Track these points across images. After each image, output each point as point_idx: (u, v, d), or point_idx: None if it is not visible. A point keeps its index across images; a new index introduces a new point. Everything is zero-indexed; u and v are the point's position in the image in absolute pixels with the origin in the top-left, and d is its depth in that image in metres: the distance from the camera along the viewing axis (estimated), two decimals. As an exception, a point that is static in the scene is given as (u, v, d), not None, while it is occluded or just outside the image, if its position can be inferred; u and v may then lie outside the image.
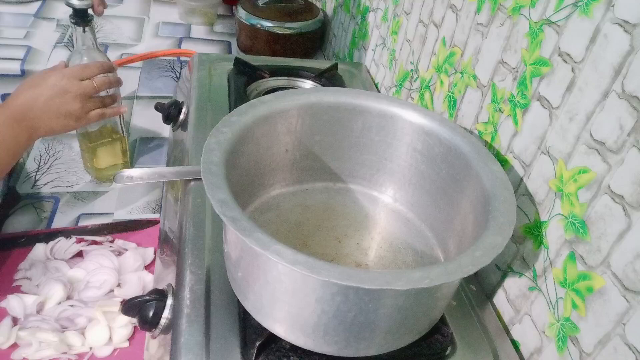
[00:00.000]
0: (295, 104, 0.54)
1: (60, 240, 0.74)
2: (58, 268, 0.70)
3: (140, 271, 0.72)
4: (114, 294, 0.69)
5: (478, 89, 0.60)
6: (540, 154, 0.49)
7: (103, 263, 0.71)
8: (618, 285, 0.39)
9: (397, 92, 0.84)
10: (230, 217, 0.37)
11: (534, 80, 0.50)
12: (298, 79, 0.88)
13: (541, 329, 0.48)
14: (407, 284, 0.35)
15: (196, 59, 0.89)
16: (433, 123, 0.53)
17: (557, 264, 0.46)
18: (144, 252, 0.75)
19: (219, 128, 0.47)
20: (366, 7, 1.00)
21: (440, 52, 0.70)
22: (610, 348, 0.40)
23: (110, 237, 0.77)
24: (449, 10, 0.68)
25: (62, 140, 0.93)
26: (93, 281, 0.69)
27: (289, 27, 1.19)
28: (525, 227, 0.51)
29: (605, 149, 0.41)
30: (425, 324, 0.45)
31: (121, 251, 0.75)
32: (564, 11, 0.46)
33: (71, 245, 0.74)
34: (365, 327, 0.40)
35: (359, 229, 0.56)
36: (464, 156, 0.50)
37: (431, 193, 0.55)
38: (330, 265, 0.35)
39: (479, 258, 0.38)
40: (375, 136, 0.57)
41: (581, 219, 0.43)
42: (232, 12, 1.50)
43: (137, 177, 0.61)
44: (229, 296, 0.48)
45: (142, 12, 1.43)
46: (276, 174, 0.57)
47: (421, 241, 0.56)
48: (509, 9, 0.55)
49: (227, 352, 0.44)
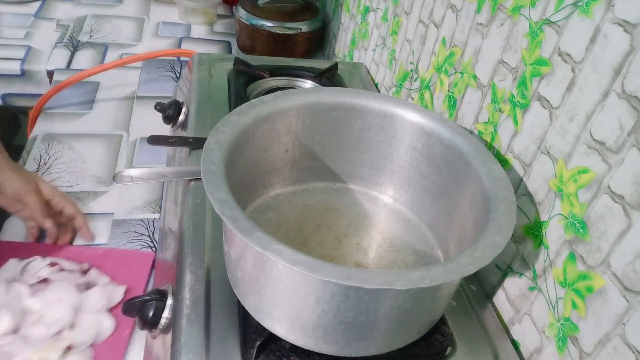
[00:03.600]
0: (295, 104, 0.54)
1: (35, 260, 0.68)
2: (19, 293, 0.63)
3: (100, 314, 0.64)
4: (63, 336, 0.60)
5: (478, 89, 0.60)
6: (540, 154, 0.49)
7: (63, 297, 0.63)
8: (618, 285, 0.39)
9: (397, 92, 0.84)
10: (230, 217, 0.37)
11: (534, 80, 0.50)
12: (298, 79, 0.88)
13: (541, 329, 0.48)
14: (407, 283, 0.35)
15: (196, 59, 0.89)
16: (433, 123, 0.53)
17: (557, 264, 0.46)
18: (113, 291, 0.67)
19: (219, 128, 0.47)
20: (366, 7, 1.00)
21: (440, 52, 0.70)
22: (610, 348, 0.40)
23: (87, 265, 0.70)
24: (449, 10, 0.68)
25: (62, 140, 0.93)
26: (45, 317, 0.61)
27: (289, 27, 1.19)
28: (525, 227, 0.51)
29: (605, 149, 0.41)
30: (425, 324, 0.45)
31: (90, 284, 0.67)
32: (564, 11, 0.47)
33: (42, 268, 0.67)
34: (365, 327, 0.40)
35: (359, 229, 0.56)
36: (464, 156, 0.50)
37: (431, 193, 0.55)
38: (330, 265, 0.35)
39: (479, 258, 0.38)
40: (375, 136, 0.57)
41: (581, 219, 0.43)
42: (232, 12, 1.50)
43: (137, 177, 0.61)
44: (229, 296, 0.48)
45: (142, 12, 1.43)
46: (276, 174, 0.57)
47: (421, 241, 0.56)
48: (509, 9, 0.55)
49: (227, 352, 0.44)
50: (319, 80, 0.87)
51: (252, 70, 0.85)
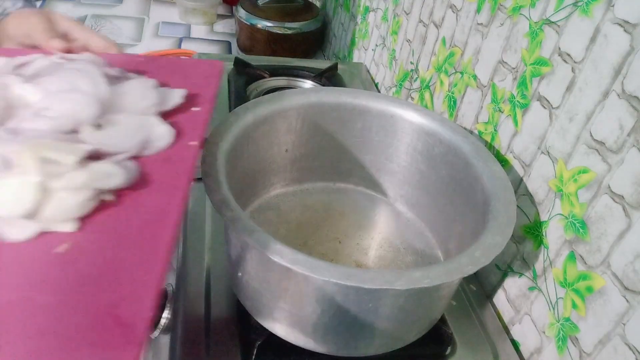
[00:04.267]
0: (295, 104, 0.54)
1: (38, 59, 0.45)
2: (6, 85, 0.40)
3: (147, 115, 0.40)
4: (78, 138, 0.36)
5: (478, 89, 0.60)
6: (540, 154, 0.49)
7: (80, 85, 0.40)
8: (618, 285, 0.39)
9: (397, 92, 0.84)
10: (230, 217, 0.37)
11: (534, 80, 0.50)
12: (298, 79, 0.88)
13: (541, 329, 0.48)
14: (407, 283, 0.35)
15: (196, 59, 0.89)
16: (433, 123, 0.53)
17: (557, 264, 0.46)
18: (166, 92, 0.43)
19: (219, 128, 0.47)
20: (366, 7, 1.00)
21: (440, 52, 0.70)
22: (610, 348, 0.40)
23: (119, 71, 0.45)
24: (449, 10, 0.68)
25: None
26: (51, 108, 0.38)
27: (289, 27, 1.19)
28: (525, 227, 0.51)
29: (605, 149, 0.41)
30: (425, 324, 0.45)
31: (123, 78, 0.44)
32: (564, 11, 0.46)
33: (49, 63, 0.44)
34: (365, 327, 0.40)
35: (359, 229, 0.56)
36: (464, 156, 0.50)
37: (431, 193, 0.55)
38: (330, 265, 0.35)
39: (479, 258, 0.38)
40: (375, 136, 0.57)
41: (581, 219, 0.43)
42: (232, 12, 1.50)
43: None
44: (229, 296, 0.48)
45: (142, 12, 1.43)
46: (276, 174, 0.57)
47: (421, 241, 0.56)
48: (509, 9, 0.55)
49: (227, 352, 0.44)
50: (319, 80, 0.87)
51: (252, 70, 0.85)
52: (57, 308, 0.26)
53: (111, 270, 0.28)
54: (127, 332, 0.24)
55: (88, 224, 0.31)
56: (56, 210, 0.31)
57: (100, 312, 0.26)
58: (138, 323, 0.25)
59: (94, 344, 0.24)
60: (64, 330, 0.25)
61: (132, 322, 0.25)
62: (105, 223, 0.31)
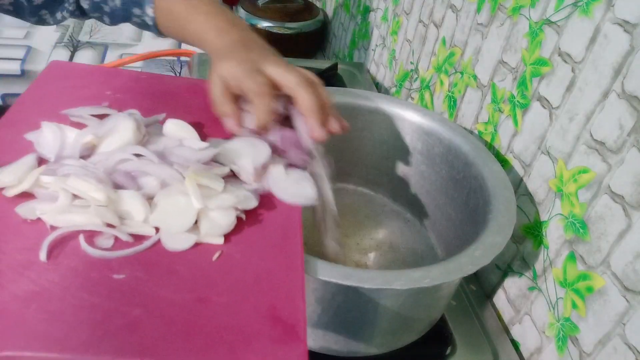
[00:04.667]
0: (295, 104, 0.54)
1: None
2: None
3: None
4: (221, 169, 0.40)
5: (478, 89, 0.60)
6: (540, 154, 0.49)
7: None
8: (618, 285, 0.39)
9: (397, 92, 0.84)
10: (230, 217, 0.37)
11: (534, 80, 0.50)
12: (298, 79, 0.88)
13: (541, 329, 0.48)
14: (407, 283, 0.35)
15: (196, 59, 0.89)
16: (433, 123, 0.53)
17: (557, 264, 0.46)
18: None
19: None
20: (366, 7, 1.00)
21: (440, 52, 0.70)
22: (610, 348, 0.40)
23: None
24: (449, 10, 0.68)
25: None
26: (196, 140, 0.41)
27: (289, 27, 1.19)
28: (525, 227, 0.51)
29: (605, 149, 0.41)
30: (425, 324, 0.45)
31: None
32: (564, 11, 0.46)
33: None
34: (365, 327, 0.40)
35: (359, 229, 0.56)
36: (464, 156, 0.50)
37: (431, 193, 0.55)
38: (330, 265, 0.35)
39: (479, 258, 0.38)
40: (375, 136, 0.57)
41: (581, 219, 0.43)
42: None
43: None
44: (229, 296, 0.48)
45: (142, 12, 1.43)
46: (276, 174, 0.57)
47: (421, 241, 0.56)
48: (509, 9, 0.55)
49: (227, 352, 0.44)
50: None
51: (252, 70, 0.85)
52: (229, 307, 0.31)
53: (262, 277, 0.33)
54: (290, 330, 0.29)
55: (229, 238, 0.36)
56: (210, 227, 0.36)
57: (262, 313, 0.30)
58: (296, 323, 0.30)
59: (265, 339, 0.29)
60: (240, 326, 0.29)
61: (292, 322, 0.30)
62: (243, 237, 0.36)
